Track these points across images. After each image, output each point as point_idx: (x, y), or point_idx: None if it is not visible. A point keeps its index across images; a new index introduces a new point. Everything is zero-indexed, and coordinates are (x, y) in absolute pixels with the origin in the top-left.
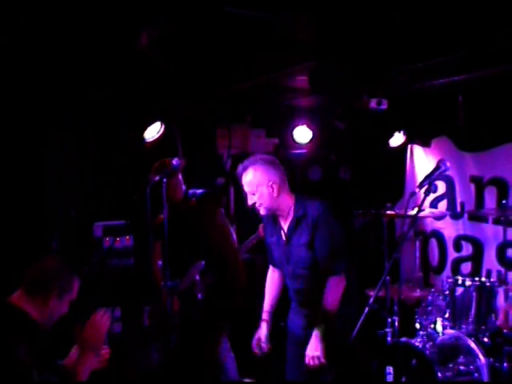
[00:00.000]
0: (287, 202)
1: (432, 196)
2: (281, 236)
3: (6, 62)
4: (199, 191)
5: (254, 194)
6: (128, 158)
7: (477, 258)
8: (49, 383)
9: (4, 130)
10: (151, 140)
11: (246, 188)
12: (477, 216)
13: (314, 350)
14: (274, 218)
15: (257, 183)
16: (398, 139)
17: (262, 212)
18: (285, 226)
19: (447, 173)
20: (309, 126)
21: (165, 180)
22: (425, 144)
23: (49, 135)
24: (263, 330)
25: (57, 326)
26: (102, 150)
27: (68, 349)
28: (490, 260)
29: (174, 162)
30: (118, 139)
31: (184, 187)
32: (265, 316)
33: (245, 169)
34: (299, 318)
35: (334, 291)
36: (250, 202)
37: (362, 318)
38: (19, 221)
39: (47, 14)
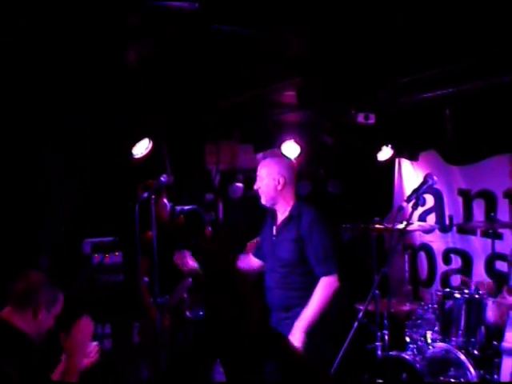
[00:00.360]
0: (287, 201)
1: (420, 209)
2: (273, 229)
3: None
4: (187, 207)
5: (261, 181)
6: (116, 174)
7: (466, 270)
8: None
9: None
10: (139, 156)
11: (259, 173)
12: (465, 229)
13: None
14: (273, 213)
15: (267, 172)
16: (385, 153)
17: (263, 200)
18: (279, 221)
19: (435, 186)
20: (296, 141)
21: (153, 197)
22: (412, 158)
23: (38, 152)
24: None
25: (47, 342)
26: (90, 166)
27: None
28: (479, 272)
29: (162, 178)
30: (106, 156)
31: (169, 204)
32: None
33: (265, 157)
34: (284, 325)
35: (325, 289)
36: (256, 186)
37: (352, 332)
38: (7, 236)
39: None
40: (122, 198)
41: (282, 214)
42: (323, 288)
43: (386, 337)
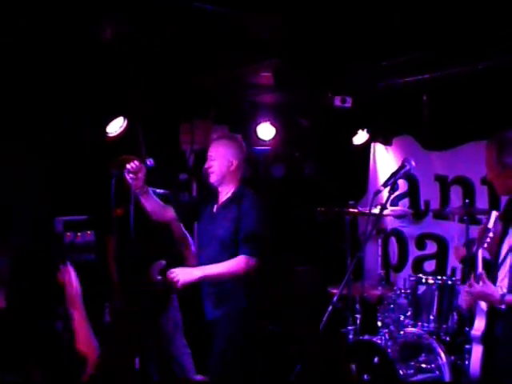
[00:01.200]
0: (234, 182)
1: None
2: (213, 208)
3: None
4: (158, 191)
5: (213, 160)
6: (90, 152)
7: (441, 255)
8: None
9: None
10: (113, 135)
11: (211, 153)
12: (442, 214)
13: (187, 272)
14: (215, 193)
15: (223, 153)
16: (361, 137)
17: (211, 178)
18: (220, 200)
19: (412, 172)
20: (272, 123)
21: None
22: (387, 142)
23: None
24: None
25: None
26: (62, 144)
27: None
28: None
29: (149, 162)
30: (79, 133)
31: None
32: None
33: (219, 138)
34: (208, 301)
35: (238, 265)
36: (206, 165)
37: (326, 316)
38: None
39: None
40: (95, 177)
41: (224, 194)
42: (238, 263)
43: (358, 321)
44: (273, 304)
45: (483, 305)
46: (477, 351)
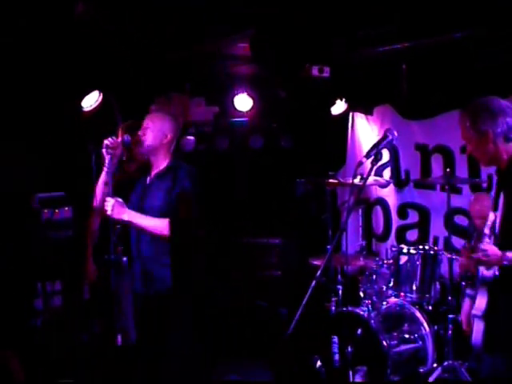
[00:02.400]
0: (167, 156)
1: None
2: (146, 180)
3: None
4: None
5: (147, 129)
6: (65, 127)
7: (423, 225)
8: None
9: None
10: (89, 109)
11: (146, 122)
12: (423, 184)
13: (119, 210)
14: (147, 166)
15: (158, 125)
16: (339, 107)
17: (142, 148)
18: (153, 172)
19: (394, 142)
20: (249, 94)
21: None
22: (367, 112)
23: None
24: None
25: None
26: (39, 118)
27: None
28: (438, 227)
29: (126, 138)
30: (55, 108)
31: None
32: None
33: (158, 110)
34: (137, 274)
35: (163, 224)
36: (141, 133)
37: (310, 290)
38: None
39: None
40: (71, 152)
41: (157, 166)
42: (165, 225)
43: (340, 292)
44: None
45: (485, 272)
46: (479, 327)
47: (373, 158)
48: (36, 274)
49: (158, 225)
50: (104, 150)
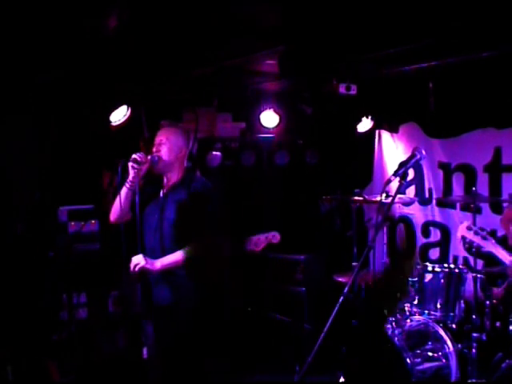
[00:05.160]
0: (180, 170)
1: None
2: (159, 193)
3: None
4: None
5: (162, 145)
6: (93, 141)
7: (444, 244)
8: None
9: None
10: (117, 123)
11: (160, 137)
12: (445, 202)
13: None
14: (160, 180)
15: (173, 140)
16: (365, 124)
17: (159, 164)
18: (168, 185)
19: (422, 161)
20: (276, 111)
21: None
22: (393, 130)
23: (8, 117)
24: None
25: None
26: (66, 132)
27: None
28: (457, 246)
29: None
30: (83, 122)
31: None
32: None
33: (171, 125)
34: (161, 287)
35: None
36: (154, 149)
37: (337, 307)
38: None
39: None
40: (99, 166)
41: (171, 179)
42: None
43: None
44: None
45: None
46: None
47: (401, 176)
48: (62, 286)
49: (179, 258)
50: (130, 164)
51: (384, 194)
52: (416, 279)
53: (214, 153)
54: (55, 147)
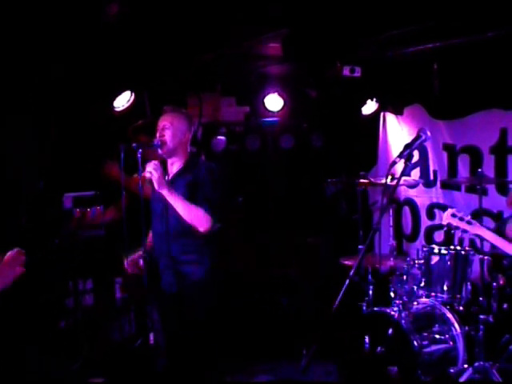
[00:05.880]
0: (184, 155)
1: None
2: (166, 177)
3: None
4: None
5: (167, 130)
6: (96, 126)
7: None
8: None
9: None
10: (121, 109)
11: (164, 122)
12: (450, 184)
13: (161, 180)
14: (164, 165)
15: (177, 124)
16: (370, 107)
17: (163, 148)
18: (173, 170)
19: (427, 142)
20: (280, 94)
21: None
22: (397, 112)
23: (10, 106)
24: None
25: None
26: (69, 119)
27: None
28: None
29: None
30: (86, 108)
31: None
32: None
33: (174, 110)
34: (169, 273)
35: (197, 209)
36: (158, 134)
37: (344, 289)
38: None
39: None
40: (103, 151)
41: (176, 165)
42: (199, 210)
43: (371, 292)
44: None
45: None
46: None
47: (406, 158)
48: (68, 273)
49: (196, 209)
50: (148, 174)
51: (389, 177)
52: (422, 261)
53: (219, 137)
54: (58, 135)
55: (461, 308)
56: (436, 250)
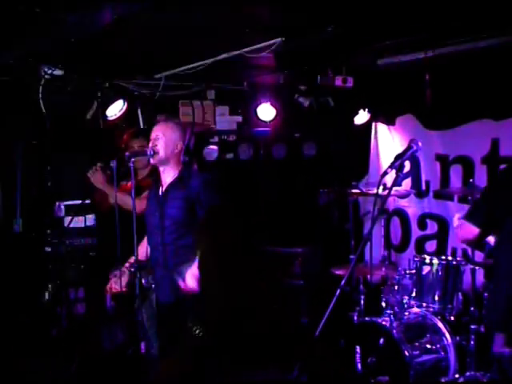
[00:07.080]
0: (177, 166)
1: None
2: (158, 190)
3: None
4: None
5: (158, 139)
6: (89, 135)
7: (442, 236)
8: None
9: None
10: (113, 118)
11: (156, 133)
12: (442, 194)
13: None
14: (158, 176)
15: (170, 135)
16: (362, 117)
17: (154, 159)
18: (166, 182)
19: (418, 153)
20: (272, 104)
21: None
22: (390, 122)
23: (3, 116)
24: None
25: None
26: (62, 127)
27: None
28: (455, 238)
29: (149, 151)
30: (79, 117)
31: None
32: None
33: (167, 120)
34: (165, 284)
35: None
36: (151, 144)
37: (334, 299)
38: None
39: None
40: (95, 160)
41: (169, 175)
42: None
43: (362, 302)
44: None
45: None
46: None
47: (397, 168)
48: (60, 281)
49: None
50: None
51: (381, 187)
52: (414, 271)
53: (211, 147)
54: (52, 143)
55: (452, 318)
56: (427, 260)
